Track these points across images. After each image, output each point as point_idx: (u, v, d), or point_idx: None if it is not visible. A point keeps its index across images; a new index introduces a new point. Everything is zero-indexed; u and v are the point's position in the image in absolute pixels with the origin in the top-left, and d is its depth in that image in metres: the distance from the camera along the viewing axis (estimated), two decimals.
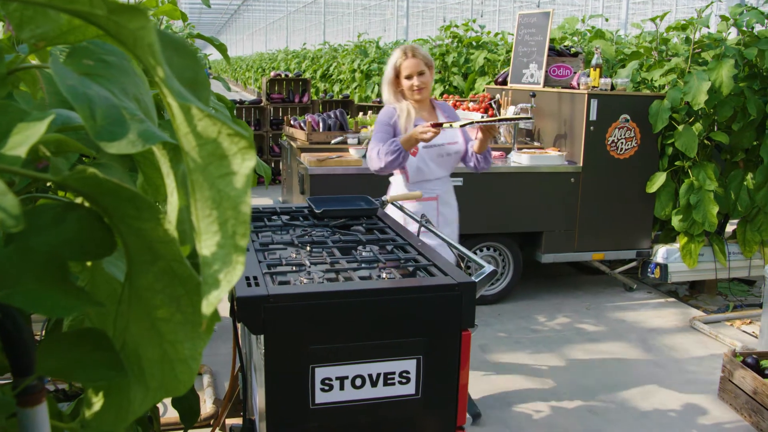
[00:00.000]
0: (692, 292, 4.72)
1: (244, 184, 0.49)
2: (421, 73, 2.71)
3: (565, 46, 5.02)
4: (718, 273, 4.43)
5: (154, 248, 0.63)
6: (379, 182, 3.95)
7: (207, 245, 0.54)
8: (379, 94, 9.26)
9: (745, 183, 4.28)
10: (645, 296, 4.62)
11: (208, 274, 0.53)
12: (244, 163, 0.49)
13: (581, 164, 4.23)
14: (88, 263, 0.74)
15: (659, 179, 4.27)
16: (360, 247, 1.90)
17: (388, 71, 2.78)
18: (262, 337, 1.48)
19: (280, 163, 5.96)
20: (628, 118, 4.25)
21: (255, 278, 1.56)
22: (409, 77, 2.72)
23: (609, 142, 4.25)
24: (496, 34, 7.54)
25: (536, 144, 4.69)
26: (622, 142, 4.27)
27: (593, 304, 4.42)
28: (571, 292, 4.61)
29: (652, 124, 4.22)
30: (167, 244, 0.62)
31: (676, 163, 4.32)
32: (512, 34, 5.11)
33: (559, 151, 4.34)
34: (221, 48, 3.27)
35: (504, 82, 5.14)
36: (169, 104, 0.52)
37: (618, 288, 4.75)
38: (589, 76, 4.36)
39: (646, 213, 4.41)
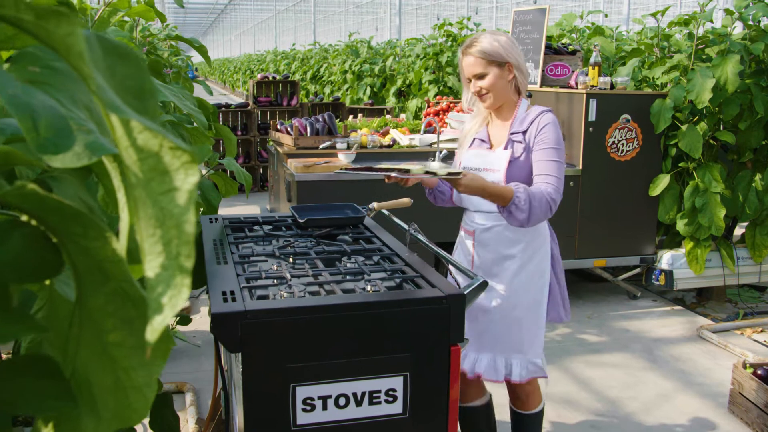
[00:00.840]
0: (699, 300, 4.72)
1: (187, 201, 0.48)
2: (479, 77, 2.23)
3: (562, 43, 5.03)
4: (727, 279, 4.43)
5: (104, 268, 0.62)
6: (369, 189, 3.96)
7: (151, 266, 0.53)
8: (370, 96, 9.27)
9: (753, 184, 4.28)
10: (650, 304, 4.62)
11: (152, 297, 0.52)
12: (187, 178, 0.48)
13: (580, 167, 4.23)
14: (47, 281, 0.73)
15: (662, 182, 4.27)
16: (345, 258, 1.89)
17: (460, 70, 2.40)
18: (239, 355, 1.47)
19: (268, 170, 5.95)
20: (629, 118, 4.25)
21: (232, 293, 1.55)
22: (469, 80, 2.28)
23: (609, 144, 4.25)
24: None
25: None
26: (622, 144, 4.27)
27: (595, 313, 4.42)
28: (571, 301, 4.58)
29: (654, 124, 4.23)
30: (116, 264, 0.61)
31: (680, 165, 4.33)
32: (509, 32, 5.13)
33: None
34: (201, 50, 3.27)
35: None
36: (107, 115, 0.51)
37: (621, 296, 4.75)
38: (587, 74, 4.37)
39: (649, 217, 4.42)
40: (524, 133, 2.24)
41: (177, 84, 3.52)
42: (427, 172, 1.98)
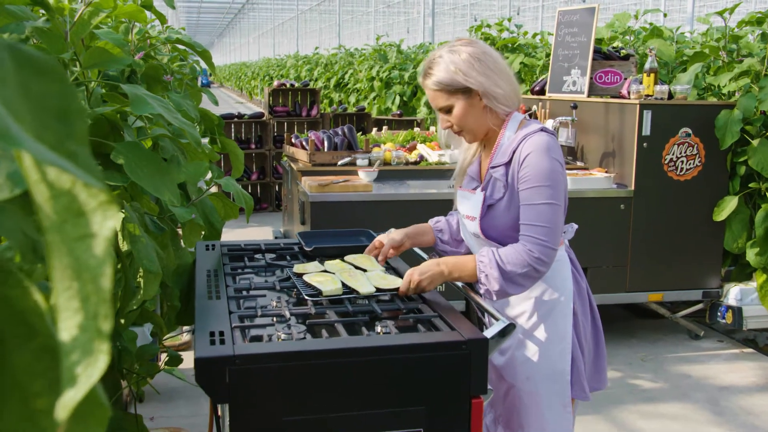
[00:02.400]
0: None
1: (104, 251, 0.45)
2: (445, 110, 2.01)
3: (613, 47, 4.97)
4: None
5: (29, 321, 0.58)
6: (394, 213, 3.93)
7: (67, 326, 0.49)
8: (400, 106, 9.28)
9: None
10: (715, 346, 4.49)
11: (66, 365, 0.49)
12: (105, 222, 0.45)
13: (632, 188, 4.16)
14: None
15: (729, 205, 4.18)
16: (353, 294, 1.85)
17: None
18: (227, 406, 1.43)
19: (282, 188, 5.97)
20: (690, 132, 4.17)
21: (221, 334, 1.52)
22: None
23: (666, 161, 4.17)
24: (535, 35, 7.52)
25: (578, 164, 4.63)
26: (682, 161, 4.19)
27: (650, 354, 4.31)
28: (622, 341, 4.49)
29: (719, 139, 4.14)
30: (39, 317, 0.58)
31: (750, 185, 4.22)
32: (553, 34, 5.08)
33: (606, 172, 4.28)
34: (204, 55, 3.28)
35: (542, 92, 5.09)
36: None
37: (681, 335, 4.63)
38: (641, 82, 4.30)
39: (713, 245, 4.32)
40: (507, 165, 1.95)
41: (177, 92, 3.54)
42: (348, 290, 1.84)
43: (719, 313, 4.34)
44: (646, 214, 4.21)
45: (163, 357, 2.67)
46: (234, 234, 6.80)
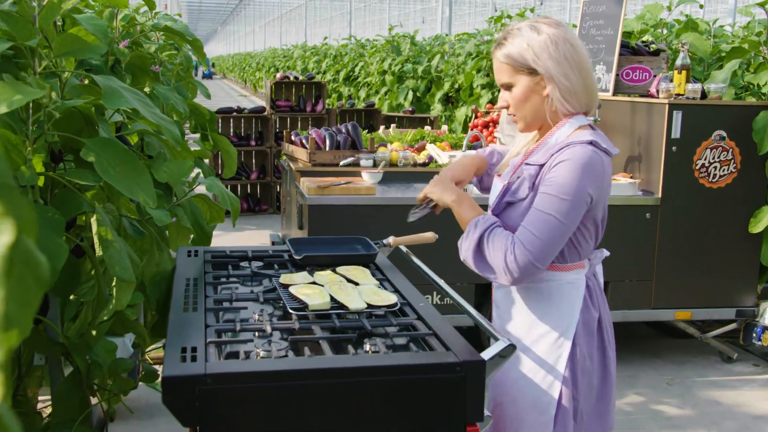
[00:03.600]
0: None
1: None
2: (506, 87, 1.99)
3: (643, 41, 4.93)
4: None
5: None
6: (398, 218, 3.90)
7: None
8: (412, 102, 9.26)
9: None
10: (749, 370, 4.45)
11: None
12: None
13: (659, 195, 4.14)
14: None
15: (767, 215, 4.13)
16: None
17: None
18: (197, 430, 1.41)
19: (281, 188, 5.97)
20: (724, 135, 4.14)
21: (193, 350, 1.50)
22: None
23: (698, 167, 4.14)
24: None
25: None
26: (715, 167, 4.15)
27: (677, 378, 4.27)
28: (646, 361, 4.47)
29: (757, 143, 4.12)
30: None
31: None
32: (577, 26, 5.05)
33: (630, 177, 4.25)
34: (195, 44, 3.28)
35: None
36: None
37: (712, 357, 4.59)
38: (672, 80, 4.26)
39: (749, 259, 4.29)
40: (542, 166, 1.91)
41: (168, 84, 3.54)
42: (337, 305, 1.81)
43: (755, 334, 4.31)
44: (674, 223, 4.18)
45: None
46: (228, 238, 6.80)
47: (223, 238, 6.73)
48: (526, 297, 2.00)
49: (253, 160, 8.30)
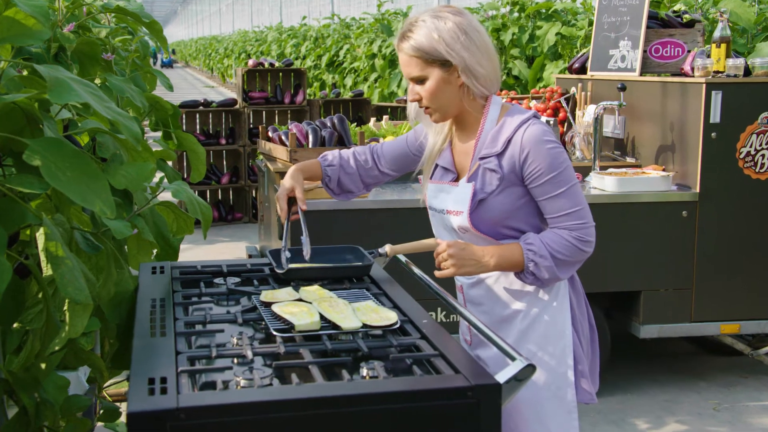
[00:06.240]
0: None
1: None
2: (417, 81, 2.22)
3: (674, 11, 4.96)
4: None
5: None
6: (392, 225, 3.91)
7: None
8: (407, 90, 9.30)
9: None
10: None
11: None
12: None
13: (697, 189, 4.16)
14: None
15: None
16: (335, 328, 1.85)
17: None
18: None
19: (258, 193, 5.99)
20: None
21: (163, 380, 1.51)
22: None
23: (742, 155, 4.16)
24: None
25: (628, 160, 4.63)
26: (763, 155, 4.18)
27: (725, 401, 4.30)
28: (688, 384, 4.48)
29: None
30: None
31: None
32: None
33: (663, 170, 4.28)
34: (153, 27, 3.31)
35: (582, 69, 5.09)
36: None
37: (766, 378, 4.61)
38: (709, 56, 4.29)
39: None
40: (499, 156, 2.21)
41: (123, 75, 3.56)
42: (328, 324, 1.83)
43: None
44: (716, 222, 4.20)
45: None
46: (197, 252, 6.81)
47: (192, 252, 6.75)
48: (514, 281, 2.28)
49: (224, 161, 8.32)
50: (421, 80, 2.19)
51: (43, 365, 2.04)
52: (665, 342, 5.00)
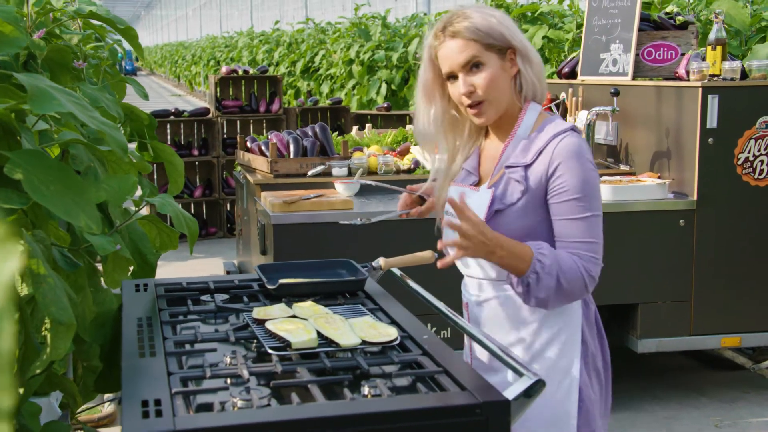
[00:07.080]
0: None
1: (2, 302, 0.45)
2: (474, 66, 2.09)
3: (667, 13, 5.01)
4: None
5: None
6: (383, 237, 3.92)
7: None
8: (387, 97, 9.34)
9: None
10: None
11: None
12: (3, 263, 0.45)
13: (695, 197, 4.19)
14: None
15: None
16: (332, 345, 1.85)
17: (422, 66, 2.26)
18: None
19: (235, 207, 5.98)
20: None
21: (157, 403, 1.51)
22: (451, 76, 2.15)
23: (741, 161, 4.20)
24: (561, 1, 7.60)
25: (622, 168, 4.66)
26: (761, 161, 4.21)
27: (727, 418, 4.31)
28: (688, 400, 4.49)
29: None
30: None
31: None
32: None
33: (658, 177, 4.31)
34: (127, 33, 3.31)
35: (572, 74, 5.13)
36: None
37: (767, 392, 4.64)
38: (704, 58, 4.33)
39: None
40: (527, 167, 2.13)
41: (93, 83, 3.55)
42: (325, 342, 1.84)
43: None
44: (715, 231, 4.22)
45: None
46: (172, 269, 6.79)
47: (166, 269, 6.72)
48: (521, 305, 2.17)
49: (197, 173, 8.29)
50: (475, 65, 2.08)
51: (21, 391, 2.03)
52: (663, 357, 5.01)
